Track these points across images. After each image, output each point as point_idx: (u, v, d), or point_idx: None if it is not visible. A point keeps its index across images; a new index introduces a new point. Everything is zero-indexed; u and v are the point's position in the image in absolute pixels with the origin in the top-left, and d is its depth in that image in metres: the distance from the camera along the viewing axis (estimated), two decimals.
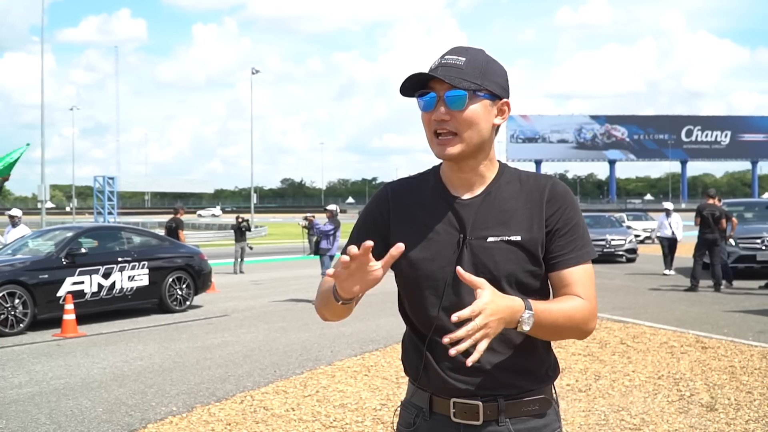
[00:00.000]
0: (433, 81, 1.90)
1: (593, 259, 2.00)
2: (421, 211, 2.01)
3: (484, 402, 1.93)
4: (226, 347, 9.23)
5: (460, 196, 1.99)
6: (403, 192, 2.07)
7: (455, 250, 1.93)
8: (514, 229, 1.93)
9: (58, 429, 5.66)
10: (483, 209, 1.96)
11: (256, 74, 62.51)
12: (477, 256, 1.92)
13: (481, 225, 1.94)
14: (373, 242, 1.77)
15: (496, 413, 1.94)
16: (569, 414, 5.82)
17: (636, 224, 35.66)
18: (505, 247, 1.92)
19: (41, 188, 44.51)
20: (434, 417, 1.99)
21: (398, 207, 2.05)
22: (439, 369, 1.95)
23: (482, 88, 1.90)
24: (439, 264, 1.94)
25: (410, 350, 2.06)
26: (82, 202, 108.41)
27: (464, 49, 1.95)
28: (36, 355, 8.99)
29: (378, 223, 2.06)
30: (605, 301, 13.07)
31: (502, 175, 2.02)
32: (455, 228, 1.95)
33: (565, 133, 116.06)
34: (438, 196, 2.01)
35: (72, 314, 10.58)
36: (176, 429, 5.69)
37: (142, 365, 8.27)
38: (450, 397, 1.96)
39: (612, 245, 22.72)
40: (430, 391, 2.00)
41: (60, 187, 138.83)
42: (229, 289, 16.91)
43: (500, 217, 1.95)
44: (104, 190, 76.73)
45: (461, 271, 1.75)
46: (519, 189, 1.99)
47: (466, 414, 1.94)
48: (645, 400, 6.21)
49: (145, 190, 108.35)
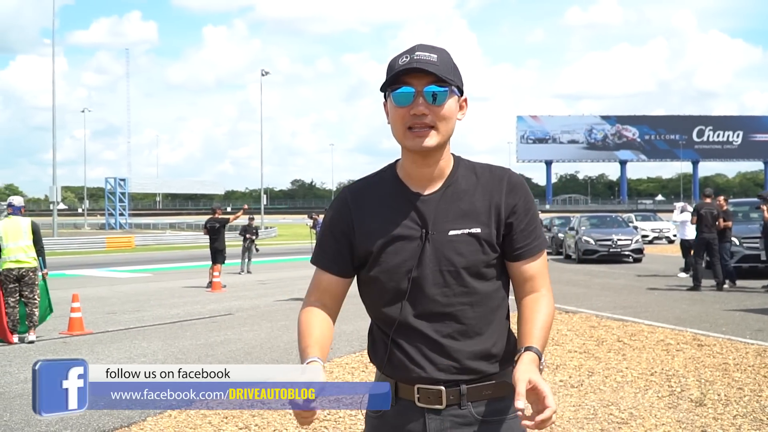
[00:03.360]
0: (408, 76, 1.96)
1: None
2: (383, 209, 2.08)
3: (446, 387, 2.02)
4: (228, 345, 9.38)
5: (421, 192, 2.06)
6: (362, 193, 2.13)
7: (418, 244, 2.02)
8: (474, 221, 2.03)
9: (61, 422, 5.81)
10: (443, 204, 2.05)
11: (266, 76, 62.78)
12: (439, 249, 2.01)
13: (442, 219, 2.03)
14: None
15: (458, 397, 2.02)
16: (559, 409, 5.92)
17: (644, 225, 35.70)
18: (466, 240, 2.02)
19: (53, 190, 44.96)
20: (400, 402, 2.06)
21: (359, 209, 2.10)
22: (404, 359, 2.04)
23: (455, 84, 2.00)
24: (403, 258, 2.03)
25: (377, 341, 2.14)
26: (93, 203, 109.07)
27: (431, 47, 2.02)
28: (42, 352, 9.16)
29: (344, 233, 2.11)
30: (607, 300, 13.18)
31: (458, 168, 2.10)
32: (417, 224, 2.03)
33: (576, 133, 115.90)
34: (398, 194, 2.08)
35: (79, 312, 10.74)
36: (175, 422, 5.82)
37: (145, 361, 8.44)
38: (414, 383, 2.04)
39: (618, 245, 22.75)
40: (395, 379, 2.08)
41: (72, 188, 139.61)
42: (236, 288, 17.08)
43: (460, 211, 2.04)
44: (116, 192, 77.58)
45: (519, 404, 1.74)
46: (476, 181, 2.08)
47: (429, 399, 2.03)
48: (635, 395, 6.31)
49: (156, 191, 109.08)
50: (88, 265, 27.24)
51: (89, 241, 44.67)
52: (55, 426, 5.73)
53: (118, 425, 5.79)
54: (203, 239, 18.10)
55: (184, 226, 68.52)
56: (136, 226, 76.65)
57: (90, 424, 5.80)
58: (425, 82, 1.95)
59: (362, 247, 2.08)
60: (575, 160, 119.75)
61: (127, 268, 25.39)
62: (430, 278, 2.02)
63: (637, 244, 23.14)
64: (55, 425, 5.74)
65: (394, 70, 1.98)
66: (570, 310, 11.66)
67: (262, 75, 62.27)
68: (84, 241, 44.28)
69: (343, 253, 2.11)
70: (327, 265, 2.15)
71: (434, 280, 2.02)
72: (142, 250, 40.72)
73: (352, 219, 2.11)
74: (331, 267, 2.14)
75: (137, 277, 22.09)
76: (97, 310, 13.17)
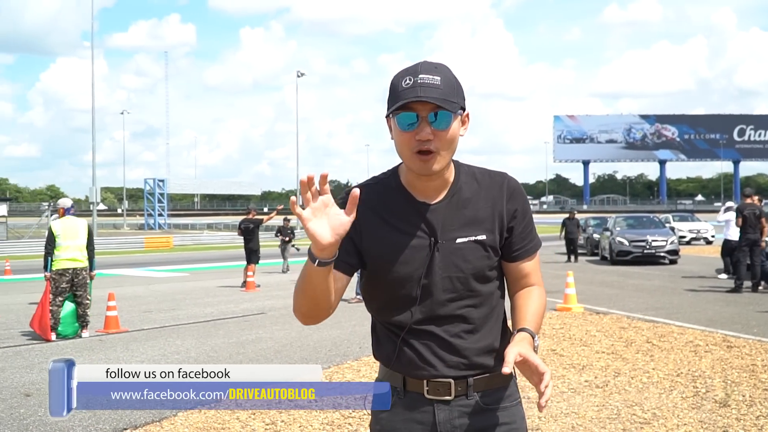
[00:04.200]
0: (413, 101, 1.97)
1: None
2: (391, 216, 2.14)
3: (455, 380, 2.13)
4: (259, 343, 9.54)
5: (428, 202, 2.13)
6: (369, 197, 2.13)
7: (427, 253, 2.10)
8: (479, 228, 2.12)
9: (93, 417, 5.97)
10: (449, 212, 2.12)
11: (302, 77, 63.10)
12: (448, 257, 2.10)
13: (449, 227, 2.11)
14: (327, 173, 1.86)
15: (465, 388, 2.13)
16: (582, 408, 5.96)
17: (681, 225, 35.28)
18: (473, 247, 2.11)
19: (92, 191, 45.58)
20: (408, 395, 2.16)
21: (367, 213, 2.11)
22: (414, 357, 2.13)
23: (458, 105, 2.04)
24: (413, 267, 2.11)
25: (382, 340, 2.22)
26: (133, 204, 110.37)
27: (434, 67, 2.04)
28: (79, 350, 9.39)
29: (351, 231, 2.10)
30: (639, 301, 13.12)
31: (459, 175, 2.17)
32: (425, 232, 2.11)
33: (614, 133, 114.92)
34: (405, 202, 2.14)
35: (115, 311, 10.99)
36: (204, 417, 5.95)
37: (178, 359, 8.61)
38: (423, 378, 2.14)
39: (652, 246, 22.49)
40: (403, 374, 2.17)
41: (112, 189, 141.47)
42: (270, 288, 17.27)
43: (465, 219, 2.12)
44: (154, 193, 78.52)
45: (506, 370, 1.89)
46: (478, 188, 2.16)
47: (438, 391, 2.13)
48: (660, 396, 6.32)
49: (194, 192, 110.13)
50: (127, 265, 27.69)
51: (128, 241, 45.34)
52: (87, 420, 5.90)
53: (149, 420, 5.94)
54: (239, 239, 18.30)
55: (222, 226, 69.09)
56: (175, 227, 77.45)
57: (122, 419, 5.97)
58: (429, 108, 1.98)
59: (371, 252, 2.14)
60: (613, 159, 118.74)
61: (165, 268, 25.75)
62: (439, 284, 2.11)
63: (673, 245, 22.74)
64: (88, 420, 5.91)
65: (398, 93, 2.01)
66: (601, 311, 11.63)
67: (297, 76, 62.61)
68: (123, 241, 44.95)
69: (348, 252, 2.15)
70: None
71: (443, 285, 2.11)
72: (179, 250, 41.21)
73: (359, 220, 2.11)
74: (336, 263, 2.15)
75: (174, 276, 22.41)
76: (133, 309, 13.42)
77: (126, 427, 5.80)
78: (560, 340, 9.11)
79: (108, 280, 20.55)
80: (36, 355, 9.07)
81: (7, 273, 23.17)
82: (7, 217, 48.60)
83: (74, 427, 5.77)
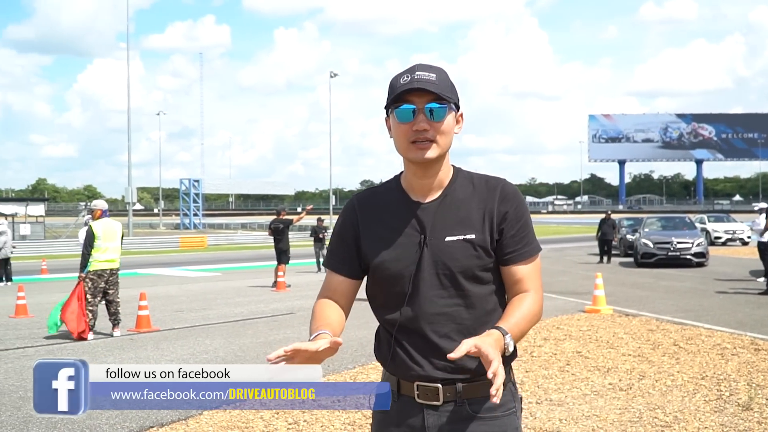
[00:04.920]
0: (410, 94, 2.11)
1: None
2: (386, 217, 2.24)
3: (443, 385, 2.17)
4: (286, 343, 9.51)
5: (421, 201, 2.22)
6: (368, 201, 2.30)
7: (417, 250, 2.18)
8: (469, 228, 2.18)
9: (120, 415, 6.10)
10: (441, 211, 2.20)
11: (335, 77, 63.31)
12: (436, 254, 2.17)
13: (440, 226, 2.18)
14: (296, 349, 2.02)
15: (454, 395, 2.17)
16: (604, 411, 5.97)
17: (717, 226, 34.86)
18: (461, 245, 2.16)
19: (128, 191, 46.26)
20: (401, 398, 2.22)
21: (365, 216, 2.28)
22: (405, 357, 2.20)
23: (453, 101, 2.16)
24: (404, 264, 2.19)
25: (382, 341, 2.30)
26: (169, 204, 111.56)
27: (429, 66, 2.17)
28: (110, 349, 9.57)
29: (351, 236, 2.29)
30: (669, 303, 13.02)
31: (456, 178, 2.25)
32: (416, 230, 2.19)
33: (650, 132, 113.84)
34: (400, 202, 2.24)
35: (146, 310, 11.16)
36: (229, 416, 6.05)
37: (206, 358, 8.74)
38: (413, 381, 2.20)
39: (677, 248, 21.95)
40: (397, 376, 2.24)
41: (148, 189, 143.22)
42: (301, 288, 17.39)
43: (456, 218, 2.19)
44: (189, 193, 79.19)
45: (452, 355, 1.91)
46: (472, 191, 2.23)
47: (427, 395, 2.18)
48: (683, 399, 6.30)
49: (229, 192, 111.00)
50: (162, 264, 28.02)
51: (163, 241, 45.80)
52: (115, 419, 6.02)
53: (176, 418, 6.05)
54: (272, 239, 18.47)
55: (255, 226, 69.51)
56: (210, 226, 78.07)
57: (149, 417, 6.08)
58: (426, 100, 2.11)
59: (367, 251, 2.25)
60: (650, 159, 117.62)
61: (198, 267, 26.02)
62: (428, 281, 2.17)
63: (699, 248, 22.02)
64: (115, 418, 6.03)
65: (396, 90, 2.14)
66: (630, 314, 11.57)
67: (330, 77, 62.83)
68: (158, 241, 45.42)
69: (352, 256, 2.28)
70: (336, 266, 2.31)
71: (432, 282, 2.17)
72: (213, 250, 41.57)
73: (359, 224, 2.28)
74: (340, 268, 2.30)
75: (207, 276, 22.65)
76: (165, 308, 13.62)
77: (152, 425, 5.91)
78: (586, 342, 9.09)
79: (142, 279, 20.84)
80: (67, 353, 9.26)
81: (43, 272, 23.56)
82: (45, 216, 49.34)
83: (101, 425, 5.90)
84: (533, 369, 7.62)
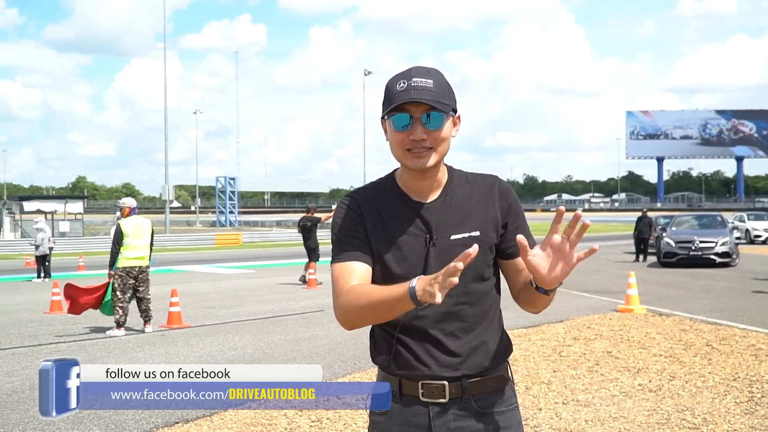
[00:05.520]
0: (407, 103, 2.05)
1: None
2: (389, 217, 2.19)
3: (449, 382, 2.15)
4: (314, 340, 9.65)
5: (423, 201, 2.19)
6: (369, 199, 2.23)
7: (423, 249, 2.15)
8: (473, 226, 2.17)
9: (146, 411, 6.15)
10: (444, 210, 2.18)
11: (369, 75, 63.37)
12: (443, 253, 2.13)
13: (444, 225, 2.16)
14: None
15: (460, 391, 2.15)
16: (632, 412, 5.88)
17: (757, 224, 34.29)
18: (467, 243, 2.10)
19: (165, 188, 46.79)
20: (404, 398, 2.19)
21: (369, 214, 2.20)
22: (409, 357, 2.16)
23: (450, 107, 2.12)
24: (410, 264, 2.15)
25: (379, 342, 2.25)
26: (206, 201, 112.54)
27: (426, 71, 2.11)
28: (141, 345, 9.66)
29: (360, 227, 2.19)
30: (704, 303, 12.81)
31: (452, 178, 2.24)
32: (421, 230, 2.17)
33: (689, 128, 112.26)
34: (402, 202, 2.20)
35: (177, 306, 11.26)
36: (253, 413, 6.06)
37: (235, 355, 8.78)
38: (418, 380, 2.16)
39: (699, 248, 21.25)
40: (399, 377, 2.20)
41: (185, 187, 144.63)
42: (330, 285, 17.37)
43: (459, 217, 2.18)
44: (226, 190, 79.97)
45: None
46: (470, 189, 2.22)
47: (433, 393, 2.15)
48: (713, 401, 6.19)
49: (264, 190, 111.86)
50: (197, 261, 28.27)
51: (199, 238, 46.27)
52: (141, 414, 6.07)
53: (201, 415, 6.08)
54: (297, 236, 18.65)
55: (290, 223, 69.88)
56: (245, 224, 78.73)
57: (174, 412, 6.12)
58: (423, 109, 2.07)
59: (373, 251, 2.20)
60: (688, 156, 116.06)
61: (232, 265, 26.20)
62: None
63: (724, 247, 21.18)
64: (141, 413, 6.08)
65: (392, 96, 2.08)
66: (664, 313, 11.41)
67: (364, 75, 62.91)
68: (194, 238, 45.90)
69: (365, 242, 2.18)
70: (356, 256, 2.15)
71: None
72: (248, 247, 41.88)
73: (364, 219, 2.22)
74: (359, 256, 2.16)
75: (240, 273, 22.79)
76: (198, 305, 13.72)
77: (177, 421, 5.95)
78: (617, 342, 8.98)
79: (177, 276, 21.04)
80: (99, 349, 9.37)
81: (80, 269, 23.90)
82: (83, 214, 50.03)
83: (127, 421, 5.95)
84: (561, 369, 7.54)
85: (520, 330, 9.84)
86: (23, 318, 12.46)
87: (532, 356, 8.16)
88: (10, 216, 45.87)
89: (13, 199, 53.88)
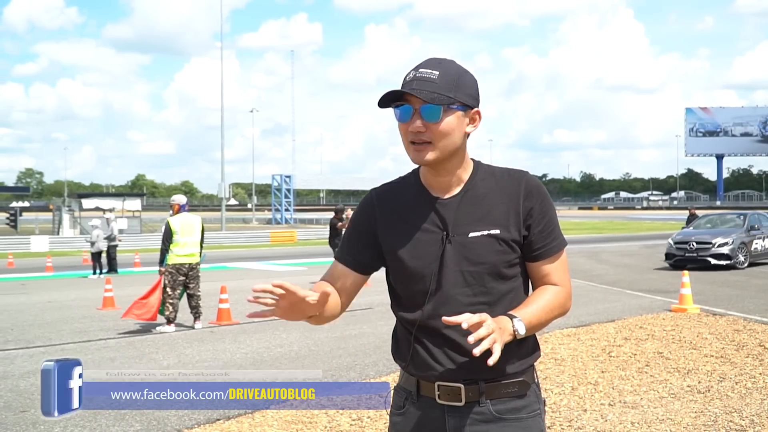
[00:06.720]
0: (408, 94, 2.03)
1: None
2: (406, 213, 2.17)
3: (465, 384, 2.10)
4: (360, 338, 9.66)
5: (441, 197, 2.15)
6: (387, 196, 2.23)
7: (439, 246, 2.10)
8: (493, 223, 2.10)
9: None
10: (462, 207, 2.12)
11: None
12: (460, 251, 2.09)
13: (462, 222, 2.11)
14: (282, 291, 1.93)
15: (477, 395, 2.10)
16: (679, 414, 5.75)
17: None
18: (485, 241, 2.08)
19: (221, 186, 47.44)
20: (421, 399, 2.16)
21: (384, 211, 2.20)
22: (426, 357, 2.13)
23: (455, 100, 2.05)
24: (426, 261, 2.11)
25: (400, 341, 2.23)
26: (262, 199, 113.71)
27: (438, 62, 2.08)
28: (189, 341, 9.79)
29: (367, 231, 2.21)
30: (760, 302, 12.48)
31: (476, 173, 2.17)
32: (438, 226, 2.12)
33: (749, 125, 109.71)
34: (420, 198, 2.17)
35: (226, 303, 11.38)
36: (294, 412, 6.09)
37: (281, 352, 8.84)
38: (435, 381, 2.13)
39: (694, 249, 20.09)
40: (417, 376, 2.17)
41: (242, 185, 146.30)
42: (381, 282, 17.25)
43: (479, 213, 2.11)
44: (281, 188, 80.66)
45: (447, 319, 1.91)
46: (494, 185, 2.15)
47: (449, 396, 2.11)
48: (761, 402, 6.01)
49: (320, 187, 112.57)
50: (251, 258, 28.58)
51: (254, 235, 46.71)
52: (182, 410, 6.14)
53: (242, 412, 6.12)
54: None
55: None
56: (300, 221, 79.25)
57: (216, 410, 6.18)
58: (422, 101, 2.03)
59: (387, 248, 2.18)
60: (748, 153, 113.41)
61: (286, 262, 26.40)
62: (451, 279, 2.09)
63: (723, 248, 19.98)
64: (184, 410, 6.15)
65: (401, 85, 2.08)
66: (718, 313, 11.14)
67: None
68: (250, 235, 46.34)
69: (363, 250, 2.21)
70: (344, 257, 2.25)
71: (455, 280, 2.09)
72: (303, 245, 42.13)
73: (377, 218, 2.21)
74: (346, 259, 2.23)
75: (293, 270, 22.96)
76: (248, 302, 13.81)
77: (219, 418, 6.01)
78: (669, 343, 8.79)
79: (230, 273, 21.30)
80: (148, 345, 9.52)
81: (136, 265, 24.34)
82: (141, 211, 50.97)
83: (169, 417, 6.04)
84: (610, 369, 7.41)
85: (569, 329, 9.71)
86: (76, 314, 12.73)
87: (581, 356, 8.04)
88: (69, 213, 46.91)
89: (72, 197, 55.10)
